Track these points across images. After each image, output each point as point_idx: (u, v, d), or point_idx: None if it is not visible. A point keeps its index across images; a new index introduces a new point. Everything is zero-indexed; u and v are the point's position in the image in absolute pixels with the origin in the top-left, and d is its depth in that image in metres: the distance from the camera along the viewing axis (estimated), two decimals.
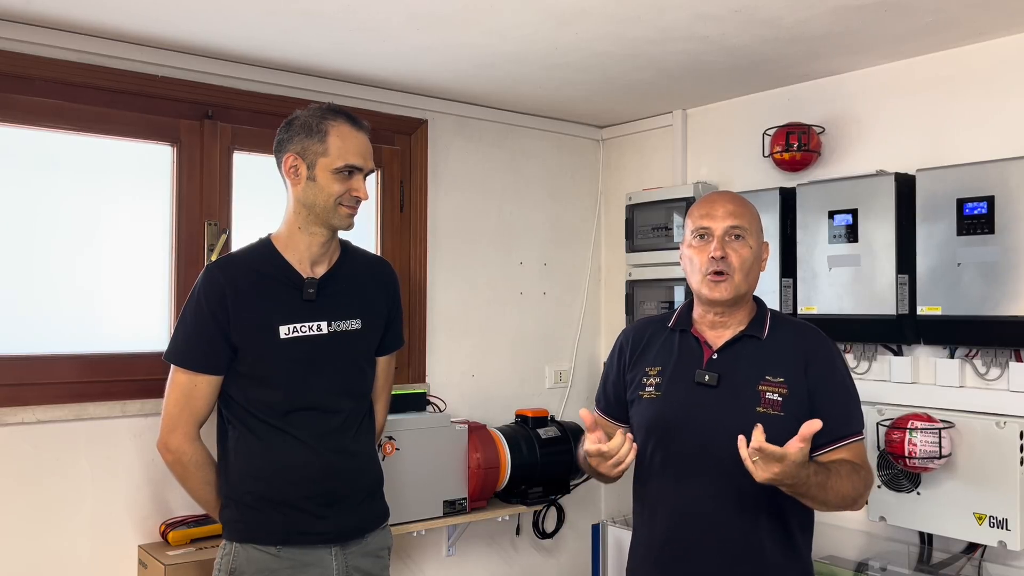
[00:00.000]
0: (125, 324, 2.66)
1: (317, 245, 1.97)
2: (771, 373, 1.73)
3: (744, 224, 1.75)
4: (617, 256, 3.65)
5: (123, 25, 2.44)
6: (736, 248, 1.74)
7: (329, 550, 1.95)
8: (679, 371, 1.80)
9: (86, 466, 2.51)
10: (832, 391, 1.74)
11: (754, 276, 1.79)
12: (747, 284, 1.76)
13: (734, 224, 1.74)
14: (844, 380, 1.77)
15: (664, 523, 1.79)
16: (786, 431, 1.63)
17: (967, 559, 2.47)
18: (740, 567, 1.72)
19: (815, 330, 1.82)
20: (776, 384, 1.72)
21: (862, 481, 1.68)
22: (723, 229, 1.74)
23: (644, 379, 1.84)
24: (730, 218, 1.75)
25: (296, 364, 1.93)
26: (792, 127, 2.91)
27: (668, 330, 1.88)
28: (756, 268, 1.79)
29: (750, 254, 1.75)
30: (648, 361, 1.86)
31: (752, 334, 1.78)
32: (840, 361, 1.79)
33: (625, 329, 1.99)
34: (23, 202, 2.50)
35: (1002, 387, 2.45)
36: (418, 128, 3.24)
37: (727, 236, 1.74)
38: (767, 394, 1.71)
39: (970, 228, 2.40)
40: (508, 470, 3.02)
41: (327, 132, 1.91)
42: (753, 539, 1.71)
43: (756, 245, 1.77)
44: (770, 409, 1.70)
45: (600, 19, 2.38)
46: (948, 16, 2.35)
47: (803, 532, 1.78)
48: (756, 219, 1.80)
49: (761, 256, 1.81)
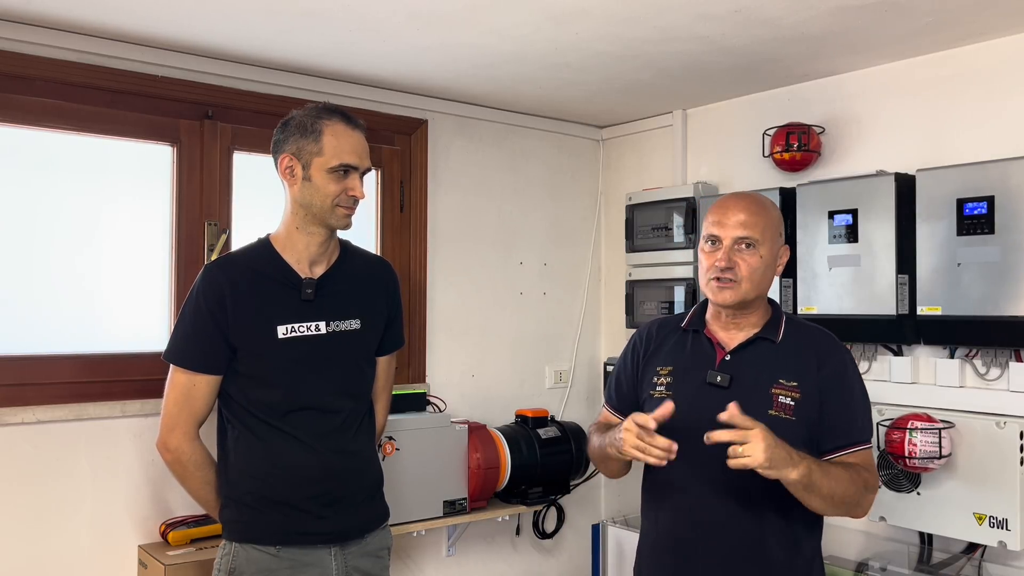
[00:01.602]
0: (125, 324, 2.66)
1: (315, 245, 1.97)
2: (785, 377, 1.73)
3: (754, 235, 1.73)
4: (617, 256, 3.65)
5: (123, 25, 2.44)
6: (745, 257, 1.73)
7: (329, 550, 1.95)
8: (690, 371, 1.80)
9: (86, 466, 2.51)
10: (842, 397, 1.73)
11: (766, 282, 1.77)
12: (756, 290, 1.75)
13: (743, 235, 1.73)
14: (854, 387, 1.75)
15: (671, 522, 1.80)
16: (798, 436, 1.64)
17: (967, 559, 2.47)
18: (745, 567, 1.72)
19: (830, 335, 1.81)
20: (789, 388, 1.72)
21: (863, 483, 1.67)
22: (732, 239, 1.74)
23: (655, 378, 1.84)
24: (740, 228, 1.73)
25: (295, 364, 1.93)
26: (792, 127, 2.91)
27: (681, 330, 1.87)
28: (768, 274, 1.77)
29: (759, 263, 1.74)
30: (660, 360, 1.86)
31: (767, 337, 1.78)
32: (852, 368, 1.77)
33: (639, 328, 1.99)
34: (23, 202, 2.50)
35: (1002, 387, 2.45)
36: (418, 128, 3.24)
37: (736, 245, 1.74)
38: (780, 398, 1.71)
39: (970, 228, 2.39)
40: (508, 470, 3.02)
41: (321, 131, 1.91)
42: (758, 540, 1.71)
43: (769, 252, 1.75)
44: (782, 413, 1.70)
45: (600, 19, 2.38)
46: (948, 16, 2.35)
47: (809, 533, 1.77)
48: (772, 225, 1.77)
49: (777, 261, 1.79)
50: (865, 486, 1.68)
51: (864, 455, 1.72)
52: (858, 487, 1.65)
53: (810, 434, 1.71)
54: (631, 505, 3.42)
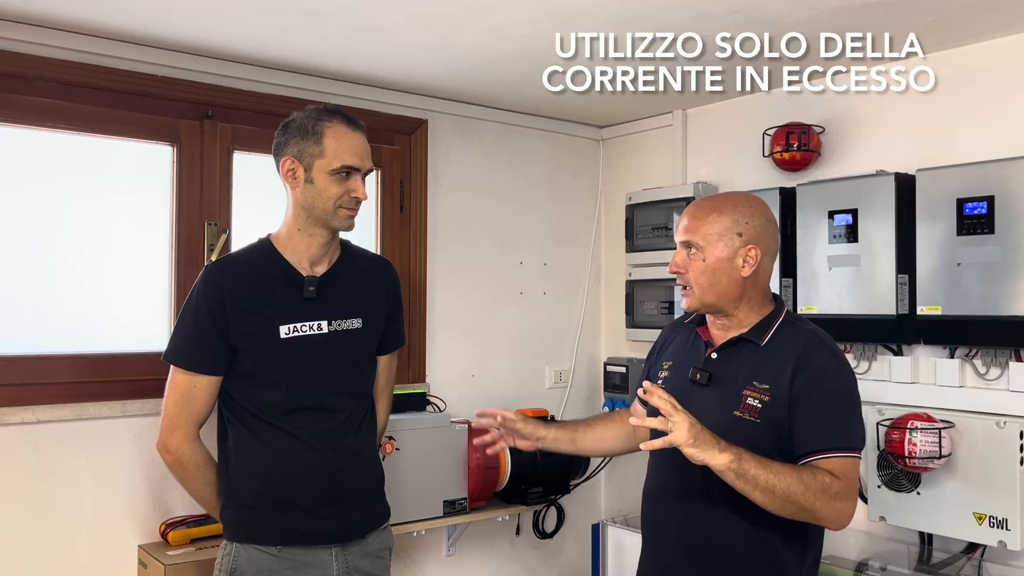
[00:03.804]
0: (125, 324, 2.66)
1: (317, 246, 1.97)
2: (759, 379, 1.73)
3: (695, 238, 1.76)
4: (617, 256, 3.65)
5: (123, 25, 2.44)
6: (690, 262, 1.78)
7: (330, 550, 1.95)
8: (682, 367, 1.86)
9: (86, 466, 2.51)
10: (816, 402, 1.67)
11: (721, 285, 1.75)
12: (711, 294, 1.76)
13: (684, 239, 1.79)
14: (833, 393, 1.70)
15: (651, 514, 1.90)
16: (761, 439, 1.66)
17: (967, 559, 2.47)
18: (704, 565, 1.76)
19: (819, 340, 1.75)
20: (760, 391, 1.71)
21: (819, 486, 1.58)
22: (679, 243, 1.80)
23: (660, 372, 1.92)
24: (683, 233, 1.79)
25: (296, 364, 1.93)
26: (792, 127, 2.91)
27: (687, 327, 1.93)
28: (720, 277, 1.75)
29: (702, 267, 1.76)
30: (666, 356, 1.94)
31: (750, 339, 1.78)
32: (834, 375, 1.71)
33: (666, 325, 2.08)
34: (23, 202, 2.50)
35: (1002, 387, 2.45)
36: (418, 128, 3.24)
37: (685, 250, 1.79)
38: (748, 399, 1.71)
39: (970, 228, 2.40)
40: (508, 470, 3.02)
41: (323, 133, 1.90)
42: (726, 535, 1.73)
43: (714, 255, 1.74)
44: (747, 415, 1.71)
45: (600, 19, 2.38)
46: (948, 16, 2.35)
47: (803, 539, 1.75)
48: (720, 227, 1.75)
49: (735, 263, 1.75)
50: (824, 490, 1.58)
51: (836, 463, 1.63)
52: (810, 488, 1.57)
53: (779, 439, 1.68)
54: (631, 505, 3.42)
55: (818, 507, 1.59)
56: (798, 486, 1.58)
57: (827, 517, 1.63)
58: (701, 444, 1.53)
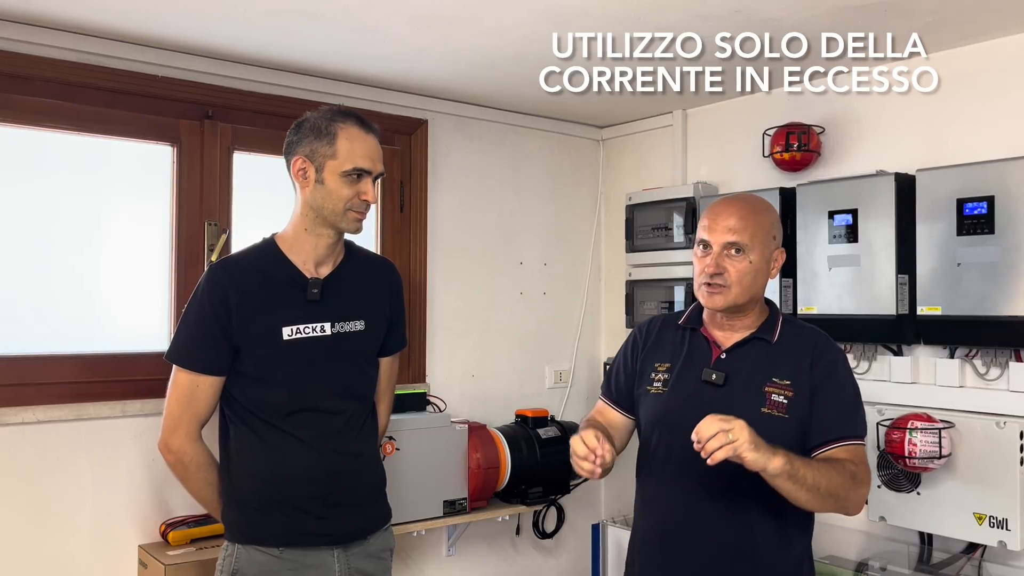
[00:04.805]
0: (125, 324, 2.66)
1: (323, 247, 1.96)
2: (778, 375, 1.74)
3: (743, 240, 1.73)
4: (617, 256, 3.65)
5: (123, 25, 2.44)
6: (734, 262, 1.74)
7: (331, 551, 1.94)
8: (687, 369, 1.82)
9: (86, 466, 2.51)
10: (832, 393, 1.73)
11: (756, 286, 1.77)
12: (747, 295, 1.76)
13: (731, 240, 1.74)
14: (846, 384, 1.76)
15: (662, 518, 1.83)
16: (790, 434, 1.66)
17: (967, 559, 2.47)
18: (734, 564, 1.73)
19: (824, 335, 1.82)
20: (783, 386, 1.73)
21: (850, 475, 1.64)
22: (721, 244, 1.75)
23: (652, 374, 1.86)
24: (728, 234, 1.74)
25: (299, 365, 1.93)
26: (792, 127, 2.91)
27: (679, 327, 1.89)
28: (759, 279, 1.77)
29: (748, 268, 1.74)
30: (658, 356, 1.88)
31: (762, 336, 1.79)
32: (844, 367, 1.78)
33: (639, 323, 2.01)
34: (23, 202, 2.50)
35: (1002, 387, 2.45)
36: (418, 128, 3.24)
37: (726, 250, 1.74)
38: (773, 395, 1.72)
39: (970, 228, 2.40)
40: (508, 470, 3.02)
41: (336, 135, 1.90)
42: (747, 537, 1.72)
43: (759, 257, 1.75)
44: (775, 411, 1.71)
45: (600, 19, 2.38)
46: (948, 16, 2.35)
47: (800, 533, 1.78)
48: (764, 229, 1.77)
49: (770, 265, 1.79)
50: (853, 478, 1.65)
51: (854, 450, 1.70)
52: (845, 479, 1.63)
53: (803, 432, 1.71)
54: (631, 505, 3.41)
55: (850, 496, 1.65)
56: (838, 479, 1.61)
57: (855, 504, 1.69)
58: (760, 448, 1.51)
